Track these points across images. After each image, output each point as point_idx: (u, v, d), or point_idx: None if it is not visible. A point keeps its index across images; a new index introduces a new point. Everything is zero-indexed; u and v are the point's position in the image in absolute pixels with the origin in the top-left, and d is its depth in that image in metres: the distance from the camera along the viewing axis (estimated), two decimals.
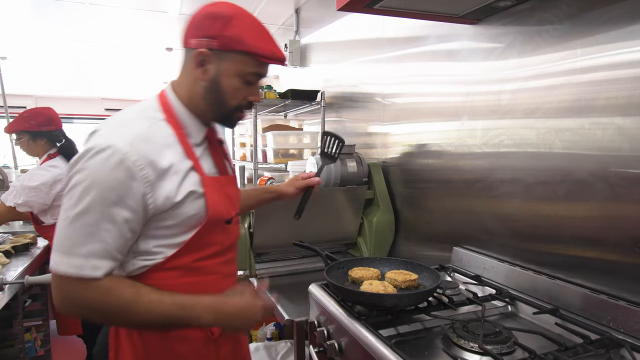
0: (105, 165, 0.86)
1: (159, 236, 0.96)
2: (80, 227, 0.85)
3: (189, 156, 0.98)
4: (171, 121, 0.99)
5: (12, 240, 2.23)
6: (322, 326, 1.31)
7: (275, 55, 0.99)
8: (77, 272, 0.85)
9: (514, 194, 1.44)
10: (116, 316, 0.92)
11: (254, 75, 1.00)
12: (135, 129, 0.92)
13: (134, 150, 0.88)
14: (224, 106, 1.01)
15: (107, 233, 0.87)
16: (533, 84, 1.35)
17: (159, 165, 0.91)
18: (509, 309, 1.31)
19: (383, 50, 2.24)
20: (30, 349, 2.19)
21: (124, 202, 0.87)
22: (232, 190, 1.12)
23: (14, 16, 3.29)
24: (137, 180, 0.88)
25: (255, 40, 0.96)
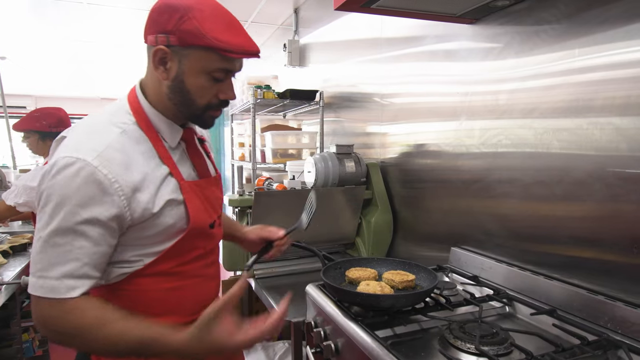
0: (74, 181, 0.80)
1: (139, 245, 0.91)
2: (52, 246, 0.80)
3: (164, 161, 0.93)
4: (143, 125, 0.93)
5: (10, 241, 2.23)
6: (319, 327, 1.31)
7: (242, 48, 0.88)
8: (51, 295, 0.80)
9: (511, 194, 1.44)
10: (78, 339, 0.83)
11: (220, 72, 0.91)
12: (104, 139, 0.86)
13: (104, 163, 0.82)
14: (192, 106, 0.93)
15: (80, 251, 0.81)
16: (531, 83, 1.35)
17: (132, 176, 0.86)
18: (507, 310, 1.31)
19: (381, 50, 2.24)
20: (28, 349, 2.19)
21: (96, 218, 0.82)
22: (213, 193, 1.06)
23: (13, 16, 3.29)
24: (111, 194, 0.83)
25: (217, 33, 0.86)
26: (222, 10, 0.91)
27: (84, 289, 0.82)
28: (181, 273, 0.98)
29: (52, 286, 0.80)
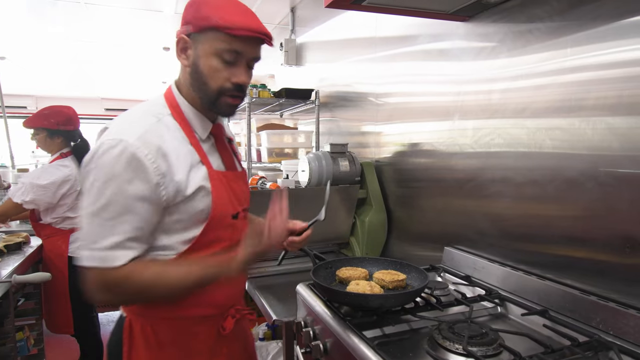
0: (119, 160, 0.89)
1: (171, 230, 0.99)
2: (101, 221, 0.89)
3: (196, 149, 1.01)
4: (177, 117, 1.02)
5: (4, 239, 2.23)
6: (309, 327, 1.30)
7: (246, 27, 0.94)
8: (102, 264, 0.90)
9: (504, 194, 1.42)
10: (146, 294, 0.97)
11: (230, 53, 0.96)
12: (143, 125, 0.95)
13: (144, 144, 0.91)
14: (207, 89, 0.99)
15: (127, 225, 0.90)
16: (523, 82, 1.33)
17: (168, 158, 0.94)
18: (499, 310, 1.30)
19: (376, 50, 2.22)
20: (22, 347, 2.18)
21: (139, 194, 0.90)
22: (239, 185, 1.12)
23: (12, 16, 3.29)
24: (150, 172, 0.91)
25: (224, 14, 0.94)
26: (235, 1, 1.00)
27: (128, 259, 0.91)
28: None
29: (103, 256, 0.90)
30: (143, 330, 1.03)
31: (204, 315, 1.08)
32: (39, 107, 7.88)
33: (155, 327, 1.03)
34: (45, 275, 1.51)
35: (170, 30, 3.70)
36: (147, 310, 1.04)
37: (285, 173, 2.36)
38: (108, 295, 0.94)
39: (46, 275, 1.51)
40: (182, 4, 2.97)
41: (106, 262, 0.90)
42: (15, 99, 7.36)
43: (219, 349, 1.10)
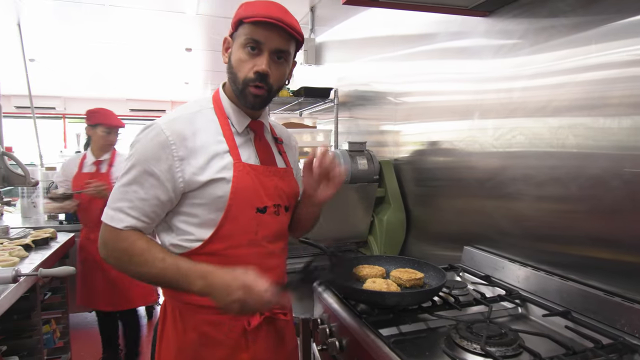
0: (145, 138, 1.01)
1: (191, 214, 1.04)
2: (120, 186, 1.02)
3: (227, 140, 1.06)
4: (217, 110, 1.10)
5: (33, 235, 2.30)
6: (325, 324, 1.30)
7: (263, 14, 0.99)
8: (108, 222, 1.01)
9: (525, 193, 1.39)
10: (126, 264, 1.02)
11: (250, 41, 1.02)
12: (181, 112, 1.06)
13: (169, 128, 1.00)
14: (236, 80, 1.05)
15: (134, 194, 1.00)
16: (545, 80, 1.30)
17: (191, 143, 1.01)
18: (519, 311, 1.27)
19: (396, 48, 2.21)
20: (49, 340, 2.25)
21: (152, 170, 0.99)
22: (272, 181, 1.10)
23: (40, 19, 3.40)
24: (167, 153, 0.99)
25: (248, 7, 1.03)
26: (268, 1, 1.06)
27: (126, 224, 1.00)
28: (234, 257, 1.04)
29: (111, 215, 1.01)
30: (173, 312, 1.10)
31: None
32: (67, 108, 8.13)
33: (182, 311, 1.08)
34: (69, 269, 1.56)
35: (192, 31, 3.77)
36: (176, 294, 1.08)
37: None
38: (104, 250, 1.03)
39: (70, 269, 1.56)
40: (203, 6, 3.01)
41: (111, 221, 1.01)
42: (45, 100, 7.61)
43: (244, 345, 1.09)
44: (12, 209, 3.96)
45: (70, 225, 3.28)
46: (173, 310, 1.10)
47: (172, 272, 0.99)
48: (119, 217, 1.00)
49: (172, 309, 1.10)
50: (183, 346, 1.08)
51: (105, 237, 1.03)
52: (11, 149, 3.28)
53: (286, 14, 1.03)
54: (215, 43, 4.02)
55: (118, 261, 1.03)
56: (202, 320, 1.07)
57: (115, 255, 1.02)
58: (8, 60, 4.68)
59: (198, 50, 4.41)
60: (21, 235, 2.29)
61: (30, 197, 3.50)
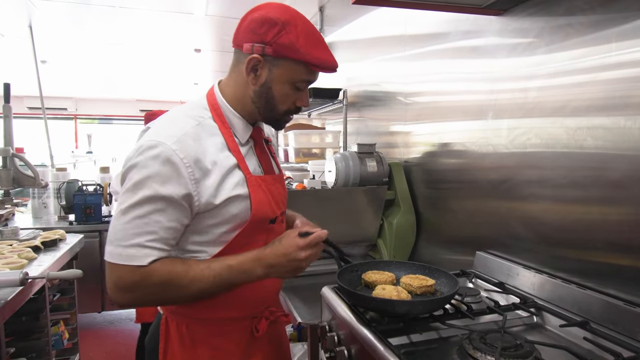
0: (155, 161, 0.90)
1: (204, 233, 0.99)
2: (132, 219, 0.90)
3: (234, 154, 1.01)
4: (217, 119, 1.02)
5: (42, 236, 2.31)
6: (333, 331, 1.27)
7: (328, 64, 0.99)
8: (128, 262, 0.90)
9: (541, 196, 1.35)
10: (166, 296, 0.95)
11: (303, 82, 1.01)
12: (183, 127, 0.96)
13: (182, 148, 0.92)
14: (273, 111, 1.03)
15: (156, 224, 0.91)
16: (562, 80, 1.25)
17: (203, 164, 0.94)
18: (534, 320, 1.22)
19: (405, 48, 2.17)
20: (57, 341, 2.25)
21: (172, 196, 0.91)
22: (277, 189, 1.12)
23: (51, 21, 3.42)
24: (184, 176, 0.91)
25: (309, 49, 0.96)
26: (311, 27, 0.99)
27: (154, 258, 0.91)
28: None
29: (130, 254, 0.90)
30: (178, 328, 1.05)
31: (236, 317, 1.09)
32: (78, 108, 8.22)
33: (189, 326, 1.05)
34: (77, 272, 1.55)
35: (201, 32, 3.76)
36: (181, 310, 1.06)
37: (312, 173, 2.34)
38: (128, 295, 0.93)
39: (78, 272, 1.55)
40: (212, 7, 3.00)
41: (132, 261, 0.90)
42: (57, 100, 7.69)
43: (252, 351, 1.10)
44: (24, 209, 3.99)
45: (80, 226, 3.30)
46: (178, 326, 1.06)
47: (227, 274, 0.96)
48: (142, 253, 0.90)
49: (176, 325, 1.06)
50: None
51: (128, 279, 0.91)
52: (23, 150, 3.31)
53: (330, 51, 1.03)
54: (224, 44, 4.01)
55: (154, 297, 0.97)
56: (211, 333, 1.06)
57: (148, 293, 0.93)
58: (20, 62, 4.73)
59: (207, 51, 4.41)
60: (30, 236, 2.29)
61: (41, 198, 3.53)
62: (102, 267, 3.41)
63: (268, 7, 0.98)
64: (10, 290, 1.57)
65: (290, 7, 0.99)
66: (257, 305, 1.13)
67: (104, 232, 3.39)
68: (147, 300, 0.98)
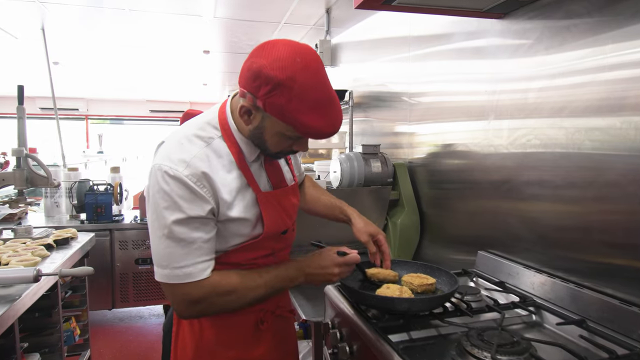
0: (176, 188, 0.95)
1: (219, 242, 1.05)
2: (175, 242, 0.96)
3: (243, 172, 1.04)
4: (227, 140, 1.04)
5: (55, 234, 2.37)
6: (336, 328, 1.30)
7: (318, 133, 0.94)
8: (190, 280, 0.98)
9: (540, 196, 1.37)
10: (232, 302, 1.04)
11: (298, 137, 1.00)
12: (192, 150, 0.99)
13: (193, 173, 0.96)
14: (267, 150, 1.04)
15: (199, 241, 0.98)
16: (561, 81, 1.27)
17: (215, 183, 0.99)
18: (533, 319, 1.24)
19: (410, 49, 2.19)
20: (69, 337, 2.31)
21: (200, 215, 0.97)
22: (289, 201, 1.17)
23: (64, 23, 3.49)
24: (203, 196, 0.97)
25: (300, 114, 0.90)
26: (315, 88, 0.91)
27: (211, 268, 1.01)
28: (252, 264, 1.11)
29: (187, 273, 0.97)
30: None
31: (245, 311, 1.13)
32: (90, 109, 8.35)
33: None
34: (88, 269, 1.60)
35: (210, 34, 3.81)
36: None
37: (318, 174, 2.37)
38: (196, 308, 1.01)
39: (89, 270, 1.60)
40: (220, 9, 3.05)
41: (192, 278, 0.98)
42: (68, 101, 7.82)
43: (256, 343, 1.16)
44: (36, 209, 4.08)
45: (91, 225, 3.36)
46: None
47: (276, 282, 1.06)
48: (199, 269, 0.98)
49: None
50: (200, 345, 1.13)
51: (196, 293, 0.99)
52: (35, 150, 3.39)
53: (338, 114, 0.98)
54: (232, 45, 4.06)
55: (218, 307, 1.04)
56: (219, 322, 1.12)
57: (213, 303, 1.02)
58: (33, 63, 4.83)
59: (216, 53, 4.46)
60: (43, 235, 2.36)
61: (54, 197, 3.60)
62: (113, 264, 3.48)
63: (270, 57, 0.90)
64: (24, 286, 1.62)
65: (299, 56, 0.90)
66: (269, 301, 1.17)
67: (114, 230, 3.45)
68: (212, 310, 1.05)
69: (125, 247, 3.50)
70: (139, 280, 3.55)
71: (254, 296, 1.05)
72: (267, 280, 1.05)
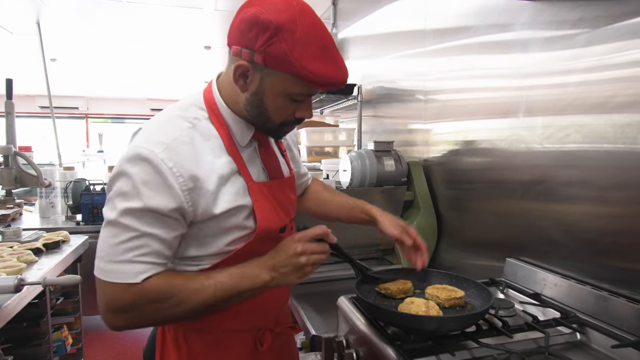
0: (142, 171, 0.80)
1: (204, 243, 0.90)
2: (120, 231, 0.81)
3: (234, 158, 0.90)
4: (215, 121, 0.91)
5: (44, 238, 2.22)
6: (351, 347, 1.15)
7: (329, 80, 0.83)
8: (119, 280, 0.81)
9: (583, 198, 1.21)
10: (166, 312, 0.84)
11: (302, 95, 0.88)
12: (173, 132, 0.85)
13: (171, 157, 0.82)
14: (268, 122, 0.91)
15: (148, 237, 0.82)
16: (605, 74, 1.12)
17: (197, 172, 0.84)
18: (578, 338, 1.09)
19: (426, 43, 2.04)
20: (60, 347, 2.17)
21: (163, 208, 0.81)
22: (285, 195, 1.02)
23: (60, 17, 3.37)
24: (174, 187, 0.81)
25: (306, 61, 0.80)
26: (315, 31, 0.82)
27: (148, 275, 0.82)
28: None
29: (122, 270, 0.80)
30: (175, 339, 0.97)
31: (240, 329, 1.00)
32: (90, 107, 8.24)
33: (187, 337, 0.97)
34: (75, 279, 1.46)
35: (211, 28, 3.67)
36: None
37: (326, 173, 2.22)
38: (122, 315, 0.83)
39: (76, 279, 1.46)
40: (221, 1, 2.90)
41: (123, 278, 0.81)
42: (68, 100, 7.72)
43: None
44: (32, 209, 3.95)
45: (88, 227, 3.22)
46: (175, 336, 0.97)
47: (228, 281, 0.86)
48: (135, 270, 0.81)
49: (173, 335, 0.98)
50: None
51: (121, 299, 0.81)
52: (30, 148, 3.25)
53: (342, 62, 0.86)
54: None
55: (152, 317, 0.85)
56: (211, 345, 0.97)
57: (145, 312, 0.83)
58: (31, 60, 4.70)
59: (217, 48, 4.34)
60: (33, 238, 2.21)
61: (49, 198, 3.46)
62: None
63: (264, 3, 0.81)
64: (6, 296, 1.48)
65: (294, 0, 0.83)
66: (265, 317, 1.04)
67: None
68: (145, 320, 0.86)
69: None
70: None
71: (200, 301, 0.84)
72: (218, 281, 0.85)
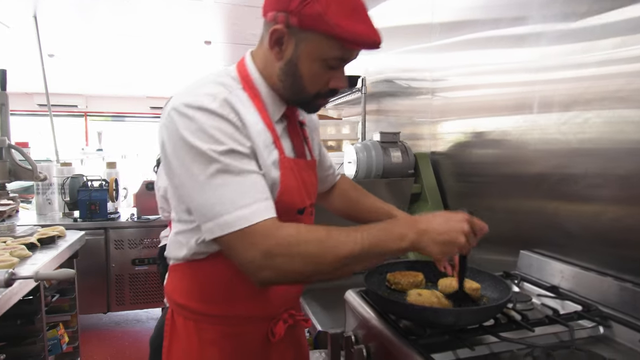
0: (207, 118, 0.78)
1: None
2: (231, 175, 0.77)
3: (269, 130, 0.88)
4: (250, 92, 0.89)
5: (40, 232, 2.16)
6: (361, 343, 1.08)
7: (365, 39, 0.81)
8: (259, 219, 0.76)
9: (602, 189, 1.15)
10: (311, 259, 0.77)
11: (337, 60, 0.85)
12: (216, 91, 0.83)
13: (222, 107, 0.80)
14: (302, 92, 0.89)
15: (255, 175, 0.80)
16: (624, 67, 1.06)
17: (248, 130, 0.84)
18: (601, 331, 1.02)
19: (432, 37, 1.99)
20: (55, 345, 2.10)
21: (244, 152, 0.81)
22: (309, 177, 1.00)
23: (57, 11, 3.31)
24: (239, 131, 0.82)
25: (341, 19, 0.78)
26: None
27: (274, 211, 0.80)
28: None
29: (254, 210, 0.76)
30: (185, 325, 0.94)
31: (254, 316, 0.96)
32: (89, 106, 8.16)
33: (198, 324, 0.93)
34: (69, 272, 1.39)
35: (211, 22, 3.61)
36: (192, 304, 0.93)
37: None
38: (275, 262, 0.76)
39: (70, 272, 1.40)
40: None
41: (261, 215, 0.76)
42: (67, 97, 7.64)
43: (266, 356, 0.98)
44: (29, 206, 3.89)
45: (85, 223, 3.16)
46: (185, 323, 0.94)
47: (376, 237, 0.79)
48: (265, 206, 0.77)
49: (183, 321, 0.94)
50: None
51: (276, 237, 0.76)
52: (27, 144, 3.19)
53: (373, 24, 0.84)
54: (235, 35, 3.86)
55: (306, 259, 0.77)
56: (222, 333, 0.93)
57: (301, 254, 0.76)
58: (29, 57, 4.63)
59: (218, 43, 4.27)
60: (27, 233, 2.15)
61: (46, 194, 3.41)
62: (108, 265, 3.28)
63: None
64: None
65: None
66: (279, 304, 0.99)
67: (109, 229, 3.26)
68: (291, 267, 0.77)
69: (121, 246, 3.30)
70: (136, 282, 3.34)
71: (346, 253, 0.77)
72: (365, 235, 0.79)
